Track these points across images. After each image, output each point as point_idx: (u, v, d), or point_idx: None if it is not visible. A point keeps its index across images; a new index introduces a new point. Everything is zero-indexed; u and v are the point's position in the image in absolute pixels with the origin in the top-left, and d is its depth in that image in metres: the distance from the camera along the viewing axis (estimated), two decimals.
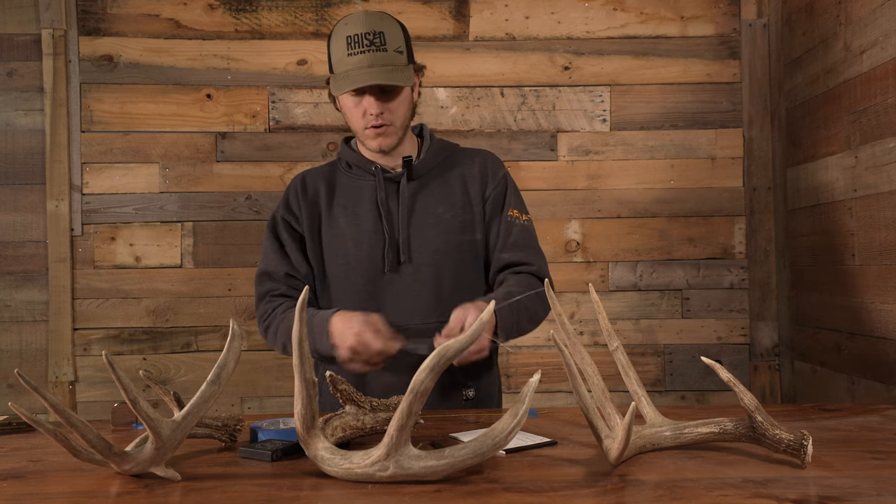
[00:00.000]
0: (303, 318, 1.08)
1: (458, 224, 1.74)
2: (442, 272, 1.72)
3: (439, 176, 1.78)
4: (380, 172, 1.74)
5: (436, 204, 1.74)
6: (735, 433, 1.20)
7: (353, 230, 1.74)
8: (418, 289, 1.71)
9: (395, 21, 1.70)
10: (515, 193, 1.82)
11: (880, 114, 2.12)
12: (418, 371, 1.03)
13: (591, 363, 1.22)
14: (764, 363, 2.83)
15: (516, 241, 1.76)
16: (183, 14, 2.80)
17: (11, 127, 2.75)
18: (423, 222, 1.73)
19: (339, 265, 1.74)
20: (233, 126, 2.80)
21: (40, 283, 2.74)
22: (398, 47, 1.66)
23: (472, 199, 1.77)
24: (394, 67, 1.65)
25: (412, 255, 1.71)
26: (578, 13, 2.85)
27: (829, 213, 2.42)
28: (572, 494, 1.01)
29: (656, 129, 2.84)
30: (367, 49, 1.63)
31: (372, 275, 1.72)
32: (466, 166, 1.80)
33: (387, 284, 1.72)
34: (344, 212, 1.75)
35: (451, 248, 1.73)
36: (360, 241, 1.73)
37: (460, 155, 1.83)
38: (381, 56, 1.63)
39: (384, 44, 1.64)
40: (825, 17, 2.44)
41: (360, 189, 1.76)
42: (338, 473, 1.08)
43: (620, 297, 2.84)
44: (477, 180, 1.78)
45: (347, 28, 1.65)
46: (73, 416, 1.06)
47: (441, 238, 1.72)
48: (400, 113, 1.70)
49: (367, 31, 1.63)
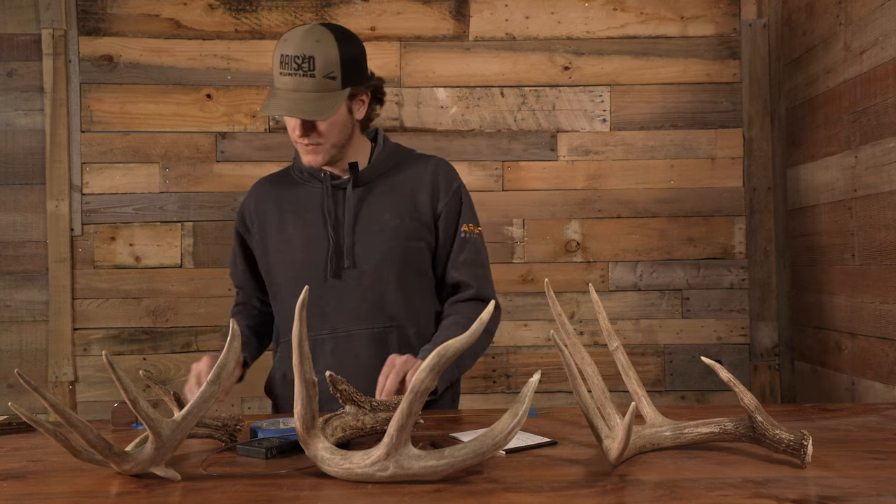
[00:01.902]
0: (302, 319, 1.08)
1: (405, 231, 1.74)
2: (385, 278, 1.73)
3: (387, 182, 1.77)
4: (327, 179, 1.75)
5: (382, 210, 1.75)
6: (735, 433, 1.20)
7: (301, 236, 1.75)
8: (361, 294, 1.72)
9: (335, 42, 1.63)
10: (469, 206, 1.82)
11: (880, 114, 2.12)
12: (419, 371, 1.03)
13: (591, 363, 1.22)
14: (764, 363, 2.83)
15: (466, 259, 1.78)
16: (183, 14, 2.80)
17: (11, 127, 2.75)
18: (367, 229, 1.73)
19: (287, 270, 1.76)
20: (233, 126, 2.80)
21: (40, 283, 2.74)
22: (330, 73, 1.62)
23: (420, 206, 1.76)
24: (318, 95, 1.61)
25: (356, 260, 1.72)
26: (578, 13, 2.85)
27: (829, 213, 2.42)
28: (572, 494, 1.01)
29: (656, 129, 2.84)
30: (295, 73, 1.61)
31: (316, 280, 1.73)
32: (417, 173, 1.79)
33: (330, 289, 1.72)
34: (293, 218, 1.77)
35: (396, 255, 1.73)
36: (307, 247, 1.74)
37: (412, 161, 1.82)
38: (305, 82, 1.60)
39: (312, 69, 1.60)
40: (825, 17, 2.44)
41: (309, 195, 1.78)
42: (338, 473, 1.08)
43: (620, 297, 2.84)
44: (426, 189, 1.77)
45: (284, 46, 1.62)
46: (73, 416, 1.06)
47: (386, 245, 1.73)
48: (331, 135, 1.67)
49: (297, 54, 1.60)
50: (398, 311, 1.74)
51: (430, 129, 2.82)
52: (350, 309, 1.72)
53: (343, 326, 1.72)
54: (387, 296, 1.73)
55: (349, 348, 1.73)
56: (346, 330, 1.72)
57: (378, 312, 1.72)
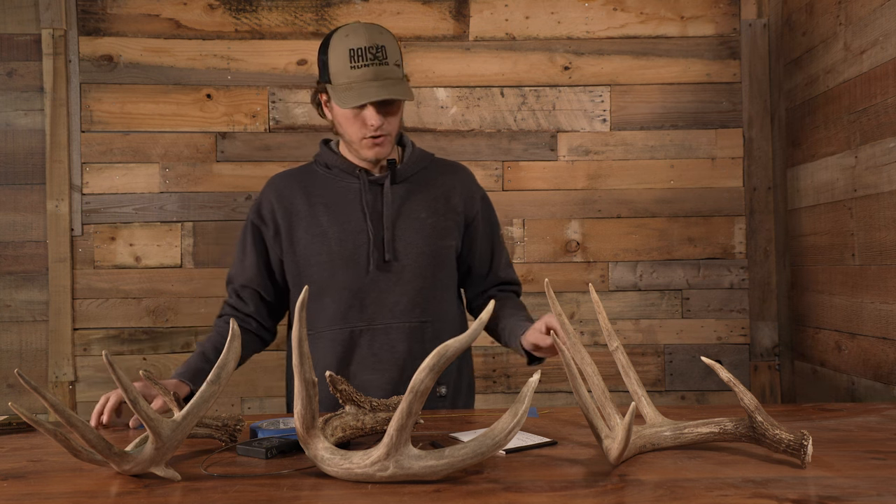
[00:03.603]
0: (302, 319, 1.08)
1: (439, 230, 1.79)
2: (423, 273, 1.77)
3: (421, 182, 1.83)
4: (364, 174, 1.78)
5: (419, 208, 1.79)
6: (735, 433, 1.20)
7: (337, 228, 1.76)
8: (402, 288, 1.75)
9: (391, 34, 1.74)
10: (494, 210, 1.95)
11: (880, 114, 2.12)
12: (418, 371, 1.04)
13: (591, 363, 1.22)
14: (764, 363, 2.83)
15: (507, 260, 1.94)
16: (183, 14, 2.80)
17: (11, 127, 2.75)
18: (406, 225, 1.77)
19: (322, 262, 1.76)
20: (233, 126, 2.80)
21: (40, 283, 2.74)
22: (396, 60, 1.71)
23: (454, 208, 1.83)
24: (395, 81, 1.69)
25: (397, 254, 1.75)
26: (578, 13, 2.85)
27: (829, 213, 2.42)
28: (572, 494, 1.01)
29: (656, 129, 2.84)
30: (371, 63, 1.67)
31: (356, 273, 1.74)
32: (448, 177, 1.86)
33: (371, 283, 1.74)
34: (326, 210, 1.77)
35: (431, 252, 1.78)
36: (344, 239, 1.75)
37: (439, 164, 1.89)
38: (383, 70, 1.68)
39: (386, 57, 1.68)
40: (825, 17, 2.44)
41: (343, 189, 1.79)
42: (338, 473, 1.08)
43: (620, 297, 2.84)
44: (459, 192, 1.85)
45: (349, 41, 1.68)
46: (73, 416, 1.06)
47: (423, 241, 1.77)
48: (396, 124, 1.75)
49: (370, 44, 1.67)
50: (433, 306, 1.78)
51: (430, 129, 2.82)
52: (389, 302, 1.75)
53: (381, 319, 1.75)
54: (424, 291, 1.77)
55: (386, 341, 1.75)
56: (384, 323, 1.75)
57: (415, 307, 1.76)
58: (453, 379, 1.84)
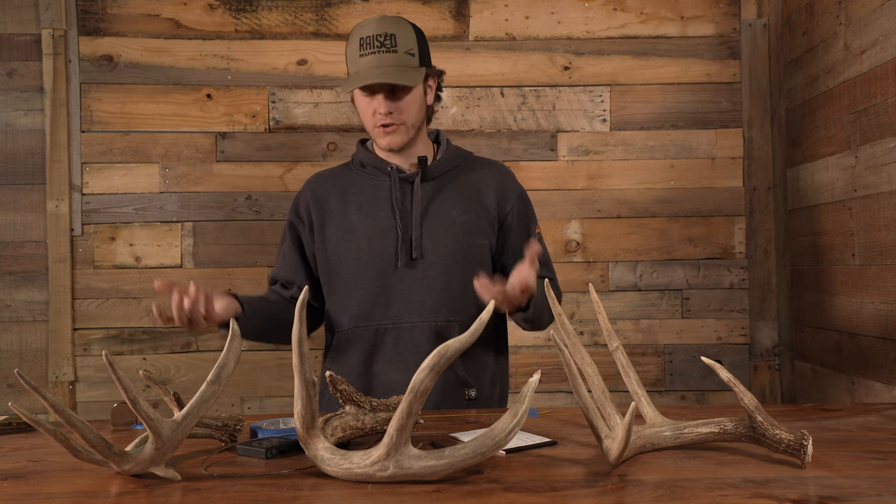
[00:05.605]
0: (302, 319, 1.08)
1: (470, 228, 1.77)
2: (451, 272, 1.74)
3: (453, 180, 1.81)
4: (395, 172, 1.77)
5: (449, 206, 1.77)
6: (735, 433, 1.20)
7: (366, 226, 1.76)
8: (428, 286, 1.73)
9: (411, 25, 1.73)
10: (533, 208, 1.90)
11: (880, 114, 2.12)
12: (418, 371, 1.04)
13: (591, 363, 1.22)
14: (764, 363, 2.83)
15: (544, 260, 1.82)
16: (183, 14, 2.80)
17: (11, 127, 2.75)
18: (435, 223, 1.75)
19: (350, 260, 1.76)
20: (233, 126, 2.80)
21: (40, 283, 2.74)
22: (409, 49, 1.70)
23: (487, 206, 1.80)
24: (402, 68, 1.68)
25: (424, 252, 1.73)
26: (578, 13, 2.85)
27: (829, 213, 2.42)
28: (572, 494, 1.01)
29: (656, 129, 2.84)
30: (378, 50, 1.67)
31: (383, 270, 1.74)
32: (482, 174, 1.84)
33: (397, 280, 1.73)
34: (358, 209, 1.78)
35: (461, 250, 1.75)
36: (373, 237, 1.75)
37: (475, 162, 1.87)
38: (390, 57, 1.67)
39: (394, 45, 1.68)
40: (825, 17, 2.44)
41: (375, 187, 1.79)
42: (338, 473, 1.08)
43: (620, 297, 2.84)
44: (493, 190, 1.82)
45: (362, 30, 1.70)
46: (73, 416, 1.06)
47: (452, 239, 1.75)
48: (410, 112, 1.73)
49: (378, 32, 1.68)
50: (461, 306, 1.74)
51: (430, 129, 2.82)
52: (416, 301, 1.73)
53: (407, 318, 1.72)
54: (452, 290, 1.74)
55: (411, 339, 1.73)
56: (410, 321, 1.72)
57: (442, 306, 1.73)
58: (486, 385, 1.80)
